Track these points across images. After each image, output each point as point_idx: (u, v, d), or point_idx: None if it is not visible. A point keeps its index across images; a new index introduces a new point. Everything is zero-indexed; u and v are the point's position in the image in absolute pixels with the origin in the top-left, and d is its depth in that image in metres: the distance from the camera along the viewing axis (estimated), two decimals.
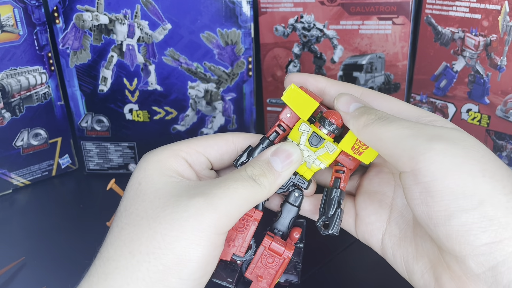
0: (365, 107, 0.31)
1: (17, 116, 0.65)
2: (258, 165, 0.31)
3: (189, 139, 0.35)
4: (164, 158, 0.32)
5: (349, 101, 0.31)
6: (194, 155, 0.33)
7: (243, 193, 0.29)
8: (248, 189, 0.29)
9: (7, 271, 0.50)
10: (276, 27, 0.63)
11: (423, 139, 0.26)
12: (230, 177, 0.30)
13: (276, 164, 0.31)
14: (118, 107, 0.66)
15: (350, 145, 0.31)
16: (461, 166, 0.25)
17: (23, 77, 0.64)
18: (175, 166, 0.32)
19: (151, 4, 0.60)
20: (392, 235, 0.34)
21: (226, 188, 0.29)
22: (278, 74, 0.67)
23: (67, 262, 0.52)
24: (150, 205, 0.29)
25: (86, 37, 0.62)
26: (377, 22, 0.59)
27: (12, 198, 0.66)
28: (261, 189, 0.30)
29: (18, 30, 0.62)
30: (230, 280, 0.32)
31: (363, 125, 0.29)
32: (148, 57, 0.63)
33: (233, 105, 0.65)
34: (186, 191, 0.29)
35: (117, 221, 0.30)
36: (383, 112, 0.30)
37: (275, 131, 0.34)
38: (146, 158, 0.33)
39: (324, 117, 0.32)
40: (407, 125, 0.28)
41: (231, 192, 0.29)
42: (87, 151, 0.69)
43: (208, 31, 0.61)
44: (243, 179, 0.30)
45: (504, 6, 0.50)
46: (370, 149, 0.31)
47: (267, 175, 0.31)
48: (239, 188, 0.29)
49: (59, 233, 0.57)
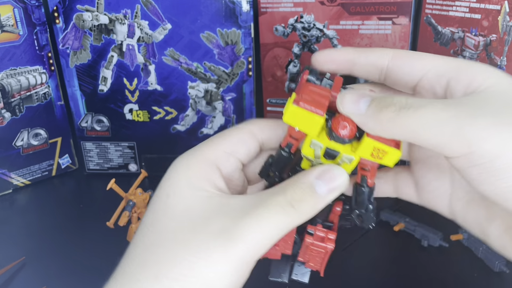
0: (378, 98, 0.26)
1: (17, 116, 0.65)
2: (300, 189, 0.28)
3: (213, 139, 0.32)
4: (194, 167, 0.30)
5: (356, 100, 0.27)
6: (223, 157, 0.31)
7: (278, 223, 0.27)
8: (284, 218, 0.27)
9: (7, 271, 0.50)
10: (276, 27, 0.63)
11: (465, 118, 0.23)
12: (264, 203, 0.27)
13: (321, 189, 0.28)
14: (118, 107, 0.66)
15: (368, 152, 0.28)
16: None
17: (23, 77, 0.64)
18: (206, 175, 0.30)
19: (151, 4, 0.60)
20: (459, 198, 0.31)
21: (259, 219, 0.27)
22: (278, 74, 0.67)
23: (67, 262, 0.52)
24: (179, 226, 0.28)
25: (86, 37, 0.62)
26: (377, 22, 0.59)
27: (12, 198, 0.66)
28: (299, 216, 0.27)
29: (18, 30, 0.62)
30: (284, 275, 0.32)
31: (386, 121, 0.25)
32: (148, 57, 0.63)
33: (233, 105, 0.65)
34: (218, 214, 0.28)
35: (143, 236, 0.29)
36: (401, 97, 0.25)
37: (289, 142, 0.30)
38: (175, 167, 0.30)
39: (332, 131, 0.28)
40: (439, 106, 0.24)
41: (264, 223, 0.27)
42: (87, 151, 0.69)
43: (208, 31, 0.61)
44: (279, 206, 0.27)
45: (504, 6, 0.50)
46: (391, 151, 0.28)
47: (309, 200, 0.28)
48: (273, 217, 0.27)
49: (59, 233, 0.57)
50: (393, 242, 0.54)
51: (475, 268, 0.49)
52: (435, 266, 0.50)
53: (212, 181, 0.30)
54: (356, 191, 0.31)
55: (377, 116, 0.26)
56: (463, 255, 0.51)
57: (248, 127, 0.32)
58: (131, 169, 0.70)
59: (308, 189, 0.28)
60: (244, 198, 0.28)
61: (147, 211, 0.30)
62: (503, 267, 0.48)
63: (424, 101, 0.25)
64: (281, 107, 0.69)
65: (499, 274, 0.48)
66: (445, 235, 0.53)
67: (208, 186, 0.29)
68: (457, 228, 0.54)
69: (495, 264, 0.48)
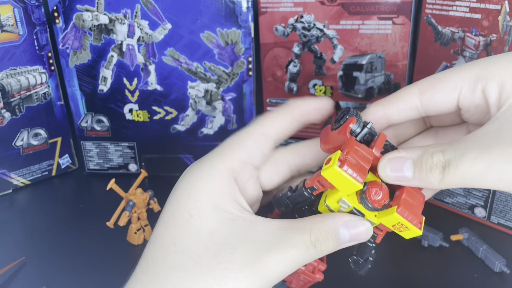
0: (419, 162, 0.27)
1: (17, 116, 0.65)
2: (325, 232, 0.28)
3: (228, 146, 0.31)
4: (217, 184, 0.29)
5: (397, 169, 0.27)
6: (240, 168, 0.31)
7: (299, 260, 0.28)
8: (305, 255, 0.28)
9: (7, 271, 0.50)
10: (276, 27, 0.63)
11: (502, 164, 0.24)
12: (290, 238, 0.28)
13: (344, 237, 0.29)
14: (118, 107, 0.66)
15: (392, 223, 0.28)
16: None
17: (23, 77, 0.64)
18: (228, 193, 0.30)
19: (151, 4, 0.60)
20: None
21: (284, 255, 0.27)
22: (278, 74, 0.67)
23: (67, 262, 0.52)
24: (204, 250, 0.27)
25: (86, 37, 0.62)
26: (377, 22, 0.59)
27: (12, 198, 0.66)
28: (317, 255, 0.28)
29: (18, 30, 0.62)
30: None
31: (437, 183, 0.26)
32: (148, 57, 0.63)
33: (233, 105, 0.65)
34: (243, 243, 0.28)
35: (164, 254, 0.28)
36: (438, 154, 0.26)
37: (315, 185, 0.30)
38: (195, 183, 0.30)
39: (366, 197, 0.28)
40: (473, 155, 0.25)
41: (287, 259, 0.27)
42: (87, 151, 0.69)
43: (208, 31, 0.61)
44: (304, 245, 0.28)
45: (504, 6, 0.50)
46: (413, 229, 0.28)
47: (330, 244, 0.28)
48: (296, 255, 0.28)
49: (59, 233, 0.57)
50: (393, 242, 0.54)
51: (475, 268, 0.49)
52: (435, 266, 0.50)
53: (235, 199, 0.30)
54: (363, 243, 0.31)
55: (426, 179, 0.27)
56: (463, 255, 0.51)
57: (261, 129, 0.32)
58: (131, 169, 0.70)
59: (332, 234, 0.28)
60: (269, 226, 0.29)
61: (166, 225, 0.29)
62: (503, 268, 0.48)
63: (457, 154, 0.25)
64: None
65: (499, 274, 0.48)
66: (445, 235, 0.53)
67: (231, 206, 0.29)
68: (457, 228, 0.54)
69: (495, 264, 0.48)
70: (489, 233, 0.54)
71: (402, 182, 0.28)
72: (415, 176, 0.27)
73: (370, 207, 0.28)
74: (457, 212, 0.58)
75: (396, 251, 0.53)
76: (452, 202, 0.59)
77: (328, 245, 0.28)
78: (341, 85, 0.64)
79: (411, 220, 0.27)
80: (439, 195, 0.60)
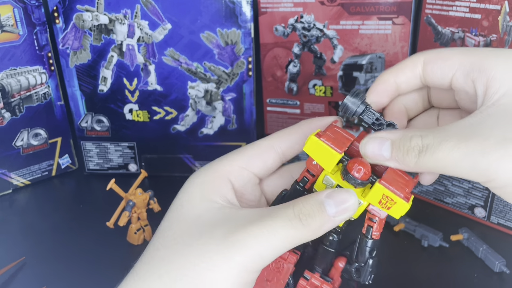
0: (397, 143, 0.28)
1: (17, 116, 0.65)
2: (309, 204, 0.28)
3: (231, 154, 0.33)
4: (208, 180, 0.32)
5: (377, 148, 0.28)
6: (237, 171, 0.32)
7: (283, 234, 0.27)
8: (289, 230, 0.27)
9: (7, 271, 0.50)
10: (276, 27, 0.63)
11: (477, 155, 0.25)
12: (272, 213, 0.28)
13: (330, 208, 0.28)
14: (118, 107, 0.66)
15: (377, 198, 0.28)
16: None
17: (23, 77, 0.64)
18: (218, 189, 0.31)
19: (151, 4, 0.60)
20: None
21: (264, 228, 0.27)
22: (278, 74, 0.67)
23: (67, 262, 0.52)
24: (187, 232, 0.29)
25: (86, 37, 0.62)
26: (377, 22, 0.59)
27: (12, 198, 0.66)
28: (306, 231, 0.27)
29: (18, 30, 0.62)
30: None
31: (413, 165, 0.27)
32: (148, 57, 0.63)
33: (233, 105, 0.65)
34: (224, 222, 0.29)
35: (155, 240, 0.30)
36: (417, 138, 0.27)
37: (305, 176, 0.31)
38: (191, 180, 0.32)
39: (347, 171, 0.29)
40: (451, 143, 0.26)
41: (268, 233, 0.27)
42: (87, 151, 0.69)
43: (208, 31, 0.61)
44: (286, 218, 0.27)
45: (504, 6, 0.50)
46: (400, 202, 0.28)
47: (317, 216, 0.28)
48: (278, 228, 0.27)
49: (59, 233, 0.57)
50: (393, 242, 0.54)
51: (475, 269, 0.49)
52: (435, 266, 0.50)
53: (223, 194, 0.31)
54: (359, 241, 0.31)
55: (402, 160, 0.28)
56: (463, 255, 0.51)
57: (267, 141, 0.33)
58: (131, 169, 0.70)
59: (317, 206, 0.28)
60: (253, 210, 0.29)
61: (163, 218, 0.32)
62: (503, 268, 0.48)
63: (436, 141, 0.26)
64: (281, 107, 0.69)
65: (499, 275, 0.48)
66: (445, 235, 0.53)
67: (219, 198, 0.31)
68: (457, 228, 0.54)
69: (495, 264, 0.48)
70: (489, 233, 0.54)
71: (380, 161, 0.29)
72: (392, 156, 0.28)
73: (354, 181, 0.29)
74: (457, 212, 0.59)
75: (396, 251, 0.53)
76: (452, 202, 0.59)
77: (315, 219, 0.28)
78: (341, 85, 0.64)
79: (396, 191, 0.28)
80: (439, 195, 0.60)
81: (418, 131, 0.28)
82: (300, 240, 0.28)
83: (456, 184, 0.57)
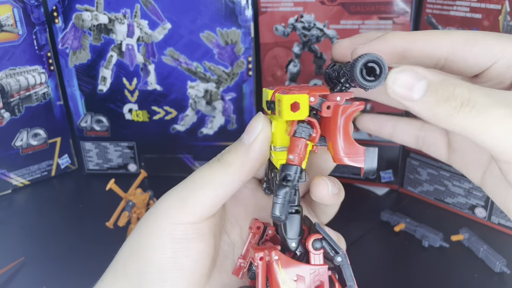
0: (437, 85, 0.22)
1: (16, 116, 0.65)
2: (230, 146, 0.29)
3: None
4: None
5: (410, 84, 0.23)
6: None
7: (209, 177, 0.28)
8: (212, 172, 0.28)
9: (7, 271, 0.50)
10: (276, 26, 0.63)
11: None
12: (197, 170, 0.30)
13: (244, 138, 0.29)
14: (118, 107, 0.66)
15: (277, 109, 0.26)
16: None
17: (22, 77, 0.64)
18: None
19: (150, 4, 0.60)
20: (492, 174, 0.29)
21: (187, 181, 0.29)
22: (278, 74, 0.67)
23: (66, 262, 0.52)
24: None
25: (85, 36, 0.62)
26: (377, 22, 0.59)
27: (12, 198, 0.66)
28: (224, 166, 0.28)
29: (18, 30, 0.62)
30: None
31: (444, 116, 0.23)
32: (148, 57, 0.62)
33: (233, 105, 0.65)
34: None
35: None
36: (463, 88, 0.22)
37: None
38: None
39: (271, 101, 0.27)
40: (503, 112, 0.22)
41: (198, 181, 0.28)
42: (86, 151, 0.69)
43: (208, 31, 0.60)
44: (206, 164, 0.29)
45: (505, 6, 0.50)
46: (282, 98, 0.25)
47: (232, 151, 0.29)
48: (205, 174, 0.28)
49: (59, 233, 0.57)
50: (393, 242, 0.54)
51: (475, 269, 0.49)
52: (435, 267, 0.50)
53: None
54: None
55: (434, 109, 0.23)
56: (463, 255, 0.51)
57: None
58: (131, 169, 0.70)
59: (235, 143, 0.29)
60: None
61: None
62: (503, 268, 0.48)
63: (487, 101, 0.22)
64: None
65: (500, 275, 0.48)
66: (446, 235, 0.53)
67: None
68: (458, 228, 0.54)
69: (496, 264, 0.48)
70: (489, 233, 0.54)
71: (404, 100, 0.23)
72: (423, 100, 0.23)
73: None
74: (457, 213, 0.58)
75: (396, 251, 0.52)
76: (453, 202, 0.59)
77: (230, 153, 0.29)
78: None
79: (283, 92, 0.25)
80: (439, 195, 0.59)
81: (462, 81, 0.23)
82: (230, 178, 0.28)
83: (456, 184, 0.57)
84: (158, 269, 0.28)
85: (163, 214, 0.28)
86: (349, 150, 0.24)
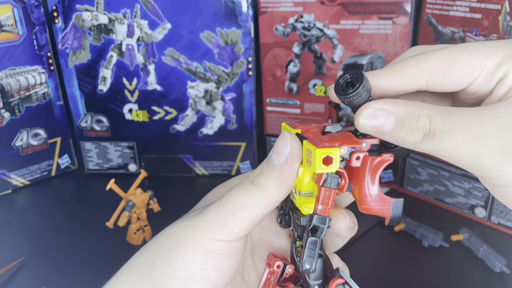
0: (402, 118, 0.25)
1: (17, 116, 0.65)
2: (260, 166, 0.29)
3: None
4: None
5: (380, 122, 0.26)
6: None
7: (247, 201, 0.28)
8: (249, 195, 0.28)
9: (7, 271, 0.50)
10: (276, 26, 0.63)
11: (484, 155, 0.24)
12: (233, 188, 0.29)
13: (273, 159, 0.28)
14: (118, 107, 0.66)
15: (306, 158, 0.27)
16: None
17: (23, 77, 0.64)
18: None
19: (150, 4, 0.60)
20: None
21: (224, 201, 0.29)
22: (278, 74, 0.67)
23: (66, 262, 0.52)
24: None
25: (85, 36, 0.62)
26: (377, 22, 0.59)
27: (12, 198, 0.66)
28: (260, 189, 0.28)
29: (18, 30, 0.62)
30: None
31: (410, 145, 0.25)
32: (148, 57, 0.62)
33: (233, 105, 0.65)
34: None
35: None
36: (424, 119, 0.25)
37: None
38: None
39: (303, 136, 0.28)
40: (460, 137, 0.24)
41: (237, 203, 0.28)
42: (86, 151, 0.69)
43: (208, 31, 0.60)
44: (241, 185, 0.29)
45: (505, 6, 0.50)
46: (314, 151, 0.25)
47: (264, 173, 0.28)
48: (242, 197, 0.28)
49: (59, 233, 0.57)
50: (393, 242, 0.54)
51: (475, 269, 0.49)
52: (435, 267, 0.50)
53: None
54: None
55: (402, 139, 0.25)
56: (463, 255, 0.51)
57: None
58: (131, 169, 0.70)
59: (265, 163, 0.29)
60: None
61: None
62: (503, 268, 0.48)
63: (446, 128, 0.24)
64: (281, 107, 0.69)
65: (500, 275, 0.48)
66: (446, 235, 0.53)
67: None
68: (458, 228, 0.54)
69: (496, 264, 0.48)
70: (489, 233, 0.54)
71: (377, 133, 0.26)
72: (392, 133, 0.26)
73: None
74: (457, 212, 0.58)
75: (396, 251, 0.52)
76: (453, 202, 0.59)
77: (263, 175, 0.28)
78: None
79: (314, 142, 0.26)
80: (439, 195, 0.59)
81: (425, 109, 0.25)
82: (264, 201, 0.28)
83: (456, 184, 0.57)
84: (185, 276, 0.28)
85: (201, 229, 0.28)
86: (376, 200, 0.26)
